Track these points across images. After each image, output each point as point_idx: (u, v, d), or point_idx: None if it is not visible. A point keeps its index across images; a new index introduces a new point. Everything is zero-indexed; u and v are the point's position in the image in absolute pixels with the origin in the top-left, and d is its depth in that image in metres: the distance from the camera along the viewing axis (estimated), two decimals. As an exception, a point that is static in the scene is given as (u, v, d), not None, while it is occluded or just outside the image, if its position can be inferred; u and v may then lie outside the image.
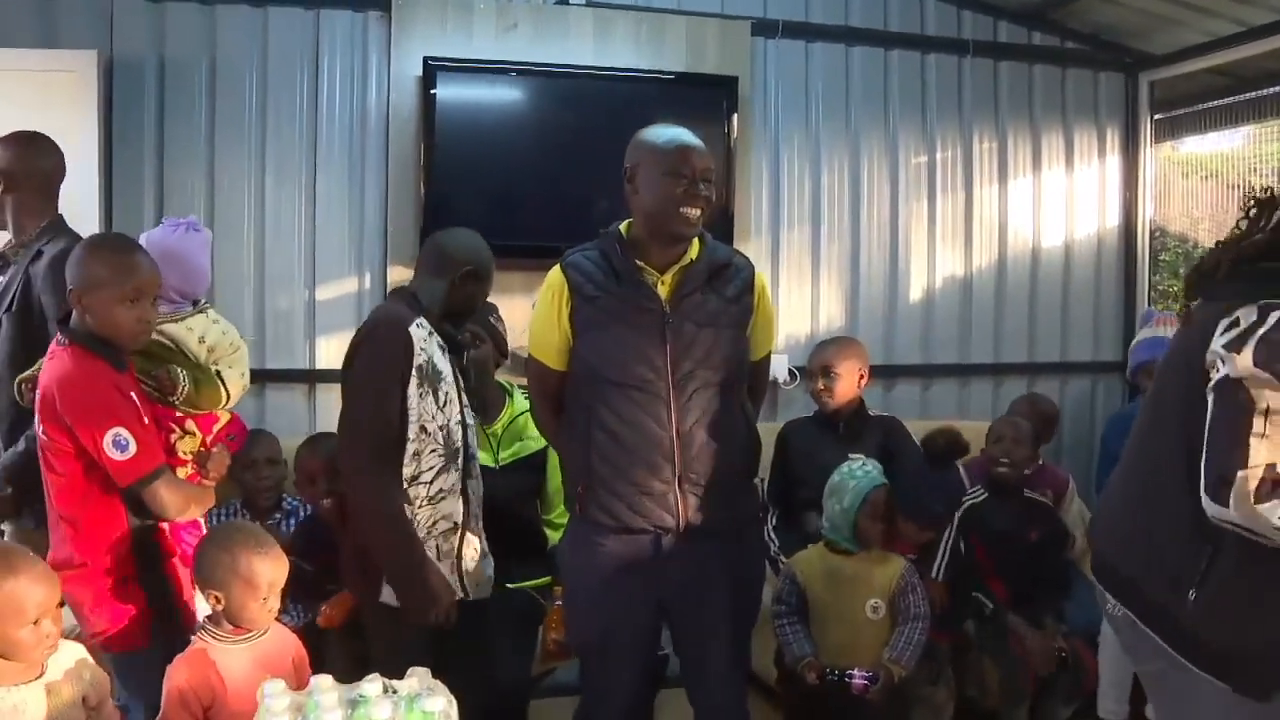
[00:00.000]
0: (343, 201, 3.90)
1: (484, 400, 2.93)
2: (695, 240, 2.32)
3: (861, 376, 3.16)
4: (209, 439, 2.52)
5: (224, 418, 2.59)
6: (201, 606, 2.23)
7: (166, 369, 2.42)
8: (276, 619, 2.18)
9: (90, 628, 2.24)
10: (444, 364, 2.45)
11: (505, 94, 3.96)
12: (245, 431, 2.82)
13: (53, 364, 2.19)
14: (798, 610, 2.87)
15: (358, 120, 3.91)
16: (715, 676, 2.40)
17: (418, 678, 1.80)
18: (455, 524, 2.48)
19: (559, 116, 3.95)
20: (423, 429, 2.38)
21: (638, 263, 2.29)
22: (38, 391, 2.21)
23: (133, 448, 2.14)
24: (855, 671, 2.72)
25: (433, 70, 3.79)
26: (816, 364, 3.20)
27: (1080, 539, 3.71)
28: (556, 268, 2.35)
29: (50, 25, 3.58)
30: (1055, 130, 4.69)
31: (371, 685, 1.75)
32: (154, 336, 2.39)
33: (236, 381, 2.57)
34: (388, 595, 2.40)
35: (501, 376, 3.22)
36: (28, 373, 2.41)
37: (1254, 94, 4.51)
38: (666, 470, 2.24)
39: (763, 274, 2.44)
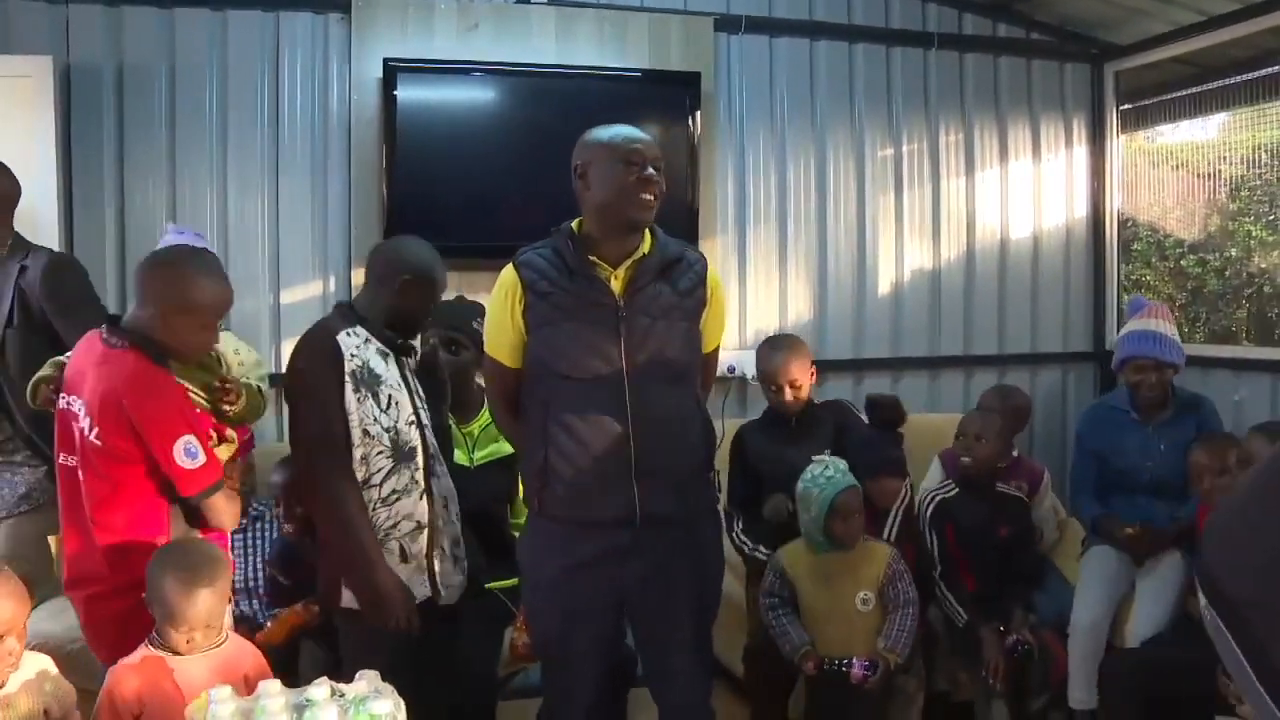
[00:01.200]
0: (305, 205, 3.88)
1: (461, 401, 2.94)
2: (646, 235, 2.32)
3: (813, 374, 3.17)
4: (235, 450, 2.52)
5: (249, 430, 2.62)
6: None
7: (233, 380, 2.44)
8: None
9: (106, 657, 2.18)
10: (384, 368, 2.44)
11: (467, 94, 3.94)
12: (253, 443, 2.84)
13: (113, 367, 2.13)
14: (789, 601, 2.88)
15: (319, 123, 3.88)
16: (678, 674, 2.39)
17: (366, 680, 1.79)
18: (420, 524, 2.46)
19: (522, 116, 3.92)
20: (365, 432, 2.37)
21: (590, 258, 2.29)
22: (93, 395, 2.13)
23: (202, 457, 2.14)
24: (854, 661, 2.75)
25: (393, 71, 3.77)
26: (775, 375, 3.12)
27: (1050, 533, 3.71)
28: (509, 265, 2.34)
29: (3, 30, 3.55)
30: (1021, 122, 4.71)
31: (318, 689, 1.74)
32: None
33: (266, 394, 2.65)
34: (348, 599, 2.39)
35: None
36: (45, 372, 2.34)
37: (1220, 83, 4.52)
38: (623, 462, 2.23)
39: (715, 270, 2.44)
